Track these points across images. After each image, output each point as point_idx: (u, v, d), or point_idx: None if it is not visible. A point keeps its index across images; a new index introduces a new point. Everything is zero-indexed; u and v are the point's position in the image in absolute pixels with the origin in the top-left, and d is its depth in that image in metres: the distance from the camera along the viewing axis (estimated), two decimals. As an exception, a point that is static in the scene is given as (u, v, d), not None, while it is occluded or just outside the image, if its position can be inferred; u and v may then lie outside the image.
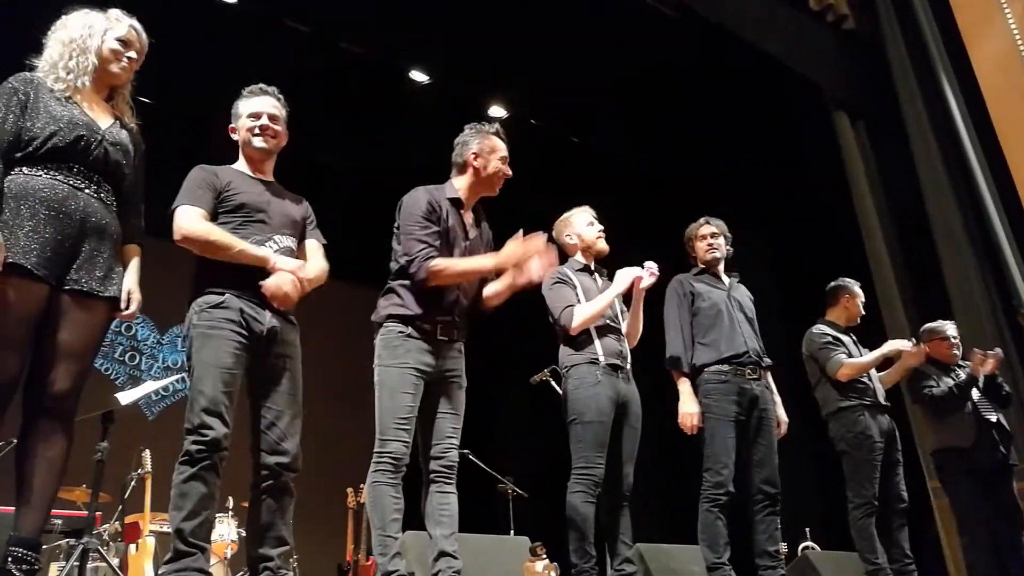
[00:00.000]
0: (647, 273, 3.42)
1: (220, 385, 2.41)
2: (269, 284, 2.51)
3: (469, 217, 3.04)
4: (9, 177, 2.10)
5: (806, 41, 6.33)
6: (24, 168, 2.13)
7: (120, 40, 2.35)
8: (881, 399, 4.23)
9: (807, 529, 5.98)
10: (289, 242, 2.68)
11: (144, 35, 2.43)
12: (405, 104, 6.85)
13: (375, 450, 2.73)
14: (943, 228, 5.75)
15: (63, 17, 2.35)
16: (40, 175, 2.13)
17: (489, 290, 3.02)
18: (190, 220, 2.51)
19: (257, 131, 2.72)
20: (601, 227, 3.61)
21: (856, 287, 4.50)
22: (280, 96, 2.81)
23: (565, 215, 3.67)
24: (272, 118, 2.74)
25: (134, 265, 2.39)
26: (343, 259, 2.97)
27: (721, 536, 3.40)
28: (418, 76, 6.88)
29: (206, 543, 2.39)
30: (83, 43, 2.28)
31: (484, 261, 2.89)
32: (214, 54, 5.84)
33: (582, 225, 3.61)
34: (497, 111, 7.29)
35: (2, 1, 4.95)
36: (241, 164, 2.78)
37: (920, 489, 4.35)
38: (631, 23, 6.13)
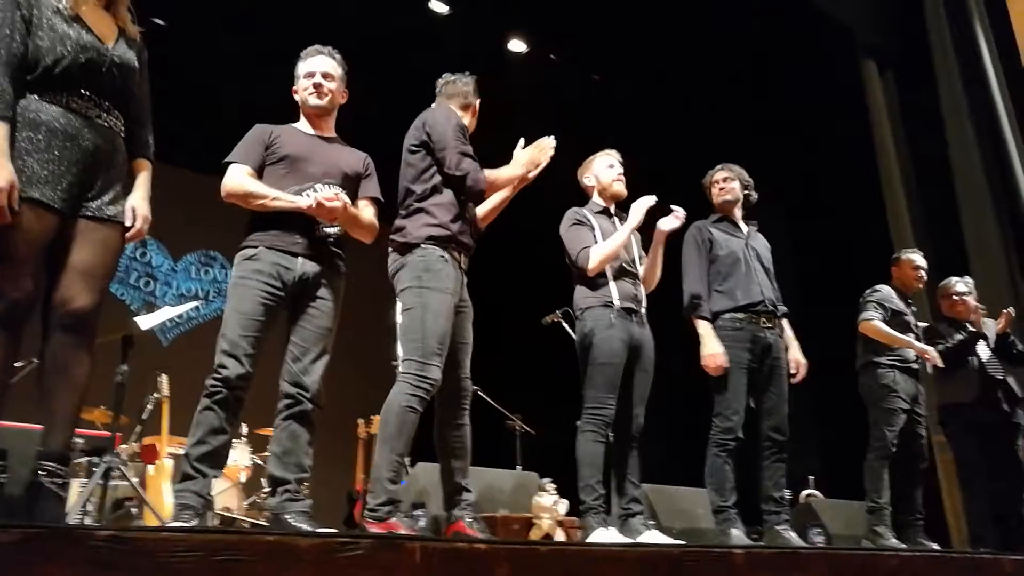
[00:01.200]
0: (672, 217, 3.41)
1: (239, 329, 2.56)
2: (313, 203, 2.61)
3: None
4: (21, 104, 2.06)
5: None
6: (35, 95, 2.08)
7: None
8: (913, 362, 4.28)
9: (811, 477, 6.08)
10: (337, 189, 2.74)
11: None
12: (424, 35, 6.71)
13: (414, 372, 2.65)
14: (965, 181, 5.68)
15: None
16: (52, 103, 2.09)
17: (481, 211, 3.10)
18: (230, 177, 2.70)
19: (311, 89, 2.84)
20: (620, 171, 3.57)
21: (908, 255, 4.55)
22: (337, 55, 2.92)
23: (589, 158, 3.63)
24: (325, 75, 2.87)
25: (141, 180, 2.31)
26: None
27: (728, 480, 3.45)
28: (438, 7, 6.73)
29: (210, 469, 2.53)
30: None
31: (513, 170, 2.95)
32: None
33: (601, 167, 3.58)
34: (517, 45, 7.15)
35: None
36: (301, 122, 2.92)
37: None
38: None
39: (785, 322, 3.80)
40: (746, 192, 3.89)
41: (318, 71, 2.85)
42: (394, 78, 6.91)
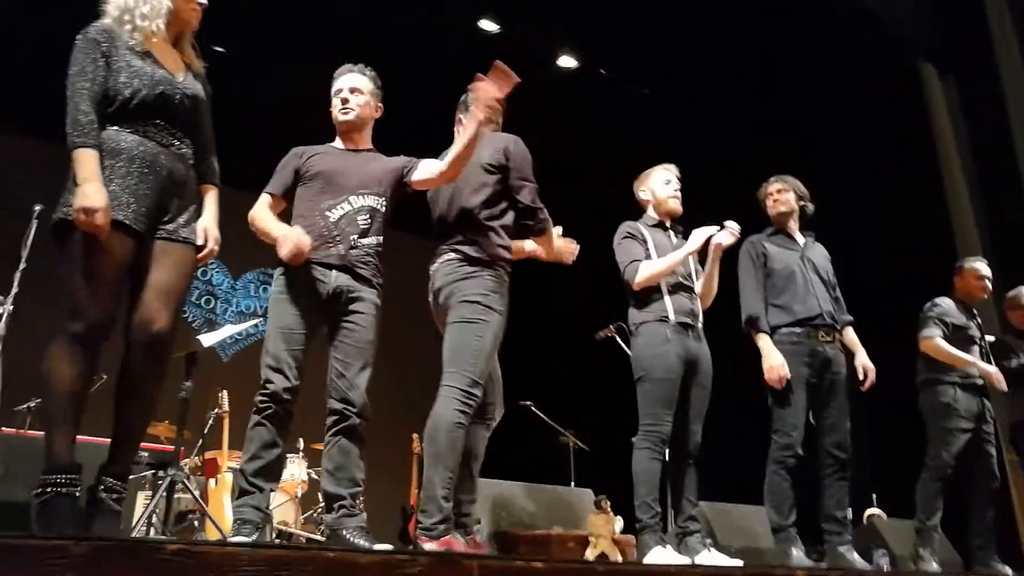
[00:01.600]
0: (727, 233, 3.37)
1: (282, 344, 2.63)
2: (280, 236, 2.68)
3: None
4: (103, 135, 2.17)
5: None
6: (115, 126, 2.20)
7: None
8: (978, 378, 4.13)
9: (874, 495, 5.89)
10: (368, 201, 2.81)
11: None
12: (476, 54, 6.78)
13: (464, 388, 2.67)
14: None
15: None
16: (130, 133, 2.20)
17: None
18: (252, 212, 2.82)
19: (338, 104, 2.91)
20: (677, 187, 3.54)
21: (972, 263, 4.39)
22: (368, 71, 2.96)
23: (647, 171, 3.61)
24: (352, 90, 2.91)
25: (210, 204, 2.43)
26: (410, 209, 3.00)
27: (787, 498, 3.38)
28: (488, 25, 6.79)
29: (266, 483, 2.60)
30: None
31: (550, 243, 3.12)
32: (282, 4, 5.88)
33: (658, 182, 3.55)
34: (567, 61, 7.17)
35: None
36: (337, 140, 2.98)
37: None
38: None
39: (850, 329, 3.74)
40: (801, 204, 3.83)
41: (345, 87, 2.91)
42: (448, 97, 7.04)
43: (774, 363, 3.44)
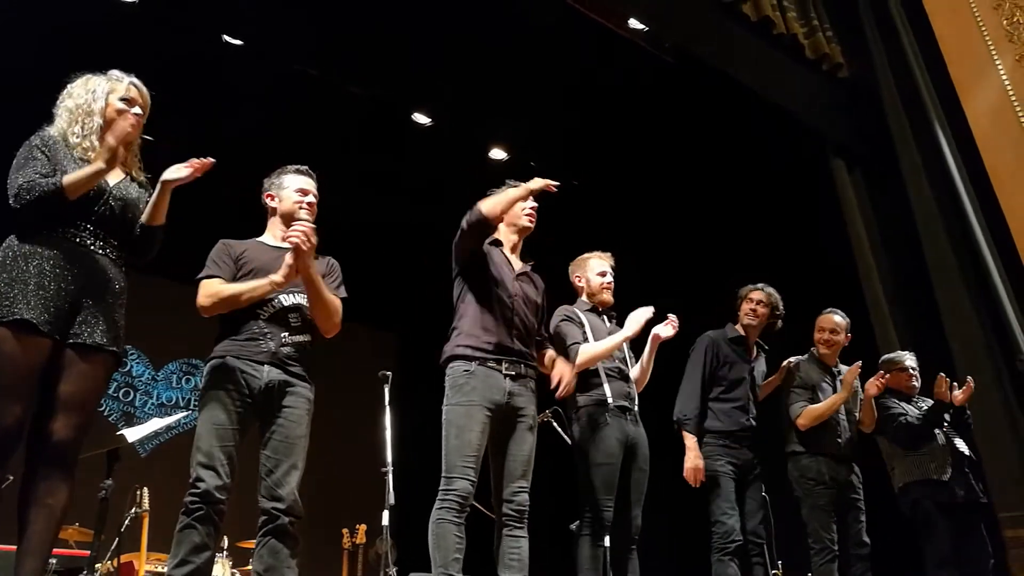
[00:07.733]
0: (668, 326, 3.48)
1: (215, 440, 2.55)
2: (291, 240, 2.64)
3: (516, 259, 3.25)
4: (15, 239, 2.20)
5: (804, 89, 6.42)
6: (36, 227, 2.21)
7: (123, 99, 2.44)
8: (842, 448, 4.07)
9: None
10: (298, 299, 2.78)
11: (144, 89, 2.53)
12: (408, 145, 6.91)
13: (440, 488, 2.79)
14: (941, 276, 5.75)
15: (67, 87, 2.45)
16: (50, 235, 2.21)
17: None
18: (204, 290, 2.68)
19: (304, 206, 2.87)
20: (611, 279, 3.65)
21: (824, 316, 4.29)
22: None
23: (584, 256, 3.71)
24: (315, 196, 2.94)
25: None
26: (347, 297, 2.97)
27: (735, 585, 3.41)
28: (420, 119, 6.95)
29: None
30: (88, 107, 2.38)
31: None
32: (219, 95, 5.90)
33: (592, 272, 3.66)
34: (497, 153, 7.36)
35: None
36: (266, 235, 2.94)
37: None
38: (631, 68, 6.23)
39: None
40: (771, 321, 4.00)
41: (311, 191, 2.93)
42: (379, 188, 7.11)
43: (695, 464, 3.63)
